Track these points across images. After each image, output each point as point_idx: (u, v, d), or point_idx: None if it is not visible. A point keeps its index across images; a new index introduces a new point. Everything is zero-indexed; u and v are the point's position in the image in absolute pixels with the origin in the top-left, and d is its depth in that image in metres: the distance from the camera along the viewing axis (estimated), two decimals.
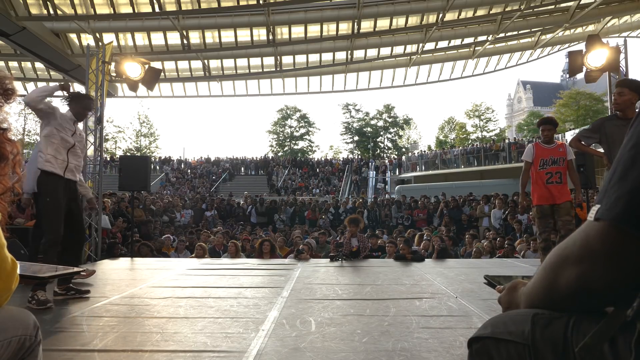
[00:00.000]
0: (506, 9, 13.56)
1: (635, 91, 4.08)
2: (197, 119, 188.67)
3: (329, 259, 6.37)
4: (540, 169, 4.94)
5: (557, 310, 0.76)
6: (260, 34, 14.24)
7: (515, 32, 15.65)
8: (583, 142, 4.56)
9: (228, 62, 16.43)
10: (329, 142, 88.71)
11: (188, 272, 5.42)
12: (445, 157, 27.79)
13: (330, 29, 14.33)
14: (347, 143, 47.37)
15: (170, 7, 11.64)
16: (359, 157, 38.86)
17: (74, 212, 3.91)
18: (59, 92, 3.99)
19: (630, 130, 0.66)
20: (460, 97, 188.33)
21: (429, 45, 15.98)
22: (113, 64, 7.95)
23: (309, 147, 46.70)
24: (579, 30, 16.44)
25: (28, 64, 16.27)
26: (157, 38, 14.11)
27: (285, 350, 2.40)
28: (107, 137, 37.44)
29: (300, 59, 16.51)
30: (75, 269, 2.09)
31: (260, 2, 11.92)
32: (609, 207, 0.63)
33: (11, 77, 1.17)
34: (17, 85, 17.00)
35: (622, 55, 8.00)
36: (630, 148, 0.64)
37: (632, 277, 0.63)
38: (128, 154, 34.24)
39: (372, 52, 16.46)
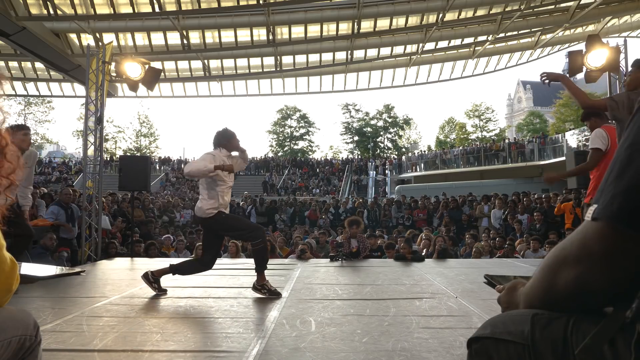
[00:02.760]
0: (506, 9, 13.54)
1: None
2: (197, 119, 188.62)
3: (329, 259, 6.37)
4: None
5: (556, 311, 0.76)
6: (260, 34, 14.22)
7: (515, 32, 15.63)
8: None
9: (228, 62, 16.41)
10: (329, 142, 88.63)
11: None
12: (445, 157, 27.80)
13: (330, 29, 14.31)
14: (347, 143, 47.40)
15: (170, 7, 11.63)
16: (359, 157, 38.87)
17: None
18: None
19: (627, 128, 0.66)
20: (460, 97, 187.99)
21: (429, 45, 15.96)
22: (113, 64, 7.95)
23: (309, 147, 46.71)
24: (579, 30, 16.43)
25: (28, 64, 16.24)
26: (157, 38, 14.10)
27: (285, 350, 2.40)
28: (107, 137, 37.43)
29: (300, 59, 16.50)
30: (76, 269, 2.10)
31: (260, 2, 11.91)
32: (605, 206, 0.63)
33: (9, 77, 1.16)
34: (17, 85, 17.02)
35: (622, 55, 8.00)
36: (627, 147, 0.64)
37: (631, 277, 0.63)
38: (128, 154, 34.26)
39: (372, 52, 16.44)
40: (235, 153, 4.36)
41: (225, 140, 4.23)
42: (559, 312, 0.75)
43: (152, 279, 4.07)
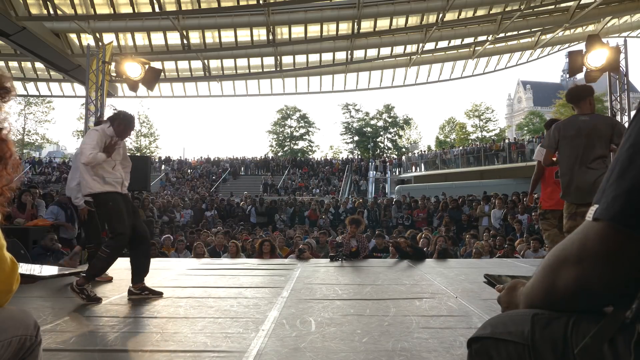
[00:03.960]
0: (506, 9, 13.55)
1: None
2: (197, 119, 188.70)
3: (329, 259, 6.37)
4: None
5: (556, 311, 0.76)
6: (260, 34, 14.23)
7: (515, 32, 15.65)
8: None
9: (228, 62, 16.42)
10: (329, 142, 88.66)
11: (188, 272, 5.42)
12: (445, 157, 27.78)
13: (330, 29, 14.32)
14: (347, 143, 47.36)
15: (170, 7, 11.64)
16: (359, 157, 38.85)
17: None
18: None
19: (628, 130, 0.66)
20: (460, 97, 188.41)
21: (429, 45, 15.98)
22: (113, 64, 7.95)
23: (309, 147, 46.70)
24: (579, 30, 16.44)
25: (28, 64, 16.26)
26: (157, 38, 14.11)
27: (285, 350, 2.40)
28: None
29: (300, 59, 16.51)
30: (76, 269, 2.10)
31: (260, 2, 11.92)
32: (607, 207, 0.63)
33: (9, 77, 1.16)
34: (17, 85, 17.02)
35: (622, 55, 8.01)
36: (628, 147, 0.64)
37: (631, 277, 0.63)
38: (128, 154, 34.15)
39: (372, 52, 16.45)
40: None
41: (117, 122, 4.03)
42: (559, 312, 0.75)
43: (77, 289, 3.67)
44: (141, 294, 3.82)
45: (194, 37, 14.20)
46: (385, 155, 41.95)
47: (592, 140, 3.82)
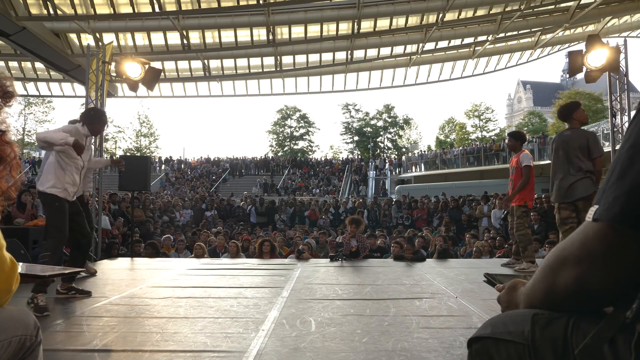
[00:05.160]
0: (506, 9, 13.54)
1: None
2: (197, 119, 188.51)
3: (329, 259, 6.37)
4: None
5: (556, 311, 0.76)
6: (260, 34, 14.22)
7: (515, 32, 15.63)
8: None
9: (228, 62, 16.41)
10: (329, 142, 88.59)
11: (188, 272, 5.42)
12: (445, 157, 27.79)
13: (330, 29, 14.31)
14: (347, 143, 47.41)
15: (170, 7, 11.63)
16: (359, 157, 38.87)
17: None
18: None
19: (628, 130, 0.66)
20: (460, 97, 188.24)
21: (429, 45, 15.96)
22: (113, 64, 7.94)
23: (309, 147, 46.71)
24: (579, 30, 16.42)
25: (28, 64, 16.24)
26: (157, 38, 14.09)
27: (285, 350, 2.40)
28: (107, 137, 37.40)
29: (300, 59, 16.49)
30: (75, 269, 2.10)
31: (260, 2, 11.91)
32: (607, 208, 0.63)
33: (11, 78, 1.16)
34: (17, 85, 17.02)
35: (622, 55, 8.00)
36: (628, 148, 0.64)
37: (631, 277, 0.63)
38: (128, 154, 34.25)
39: (372, 52, 16.44)
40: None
41: (89, 120, 4.09)
42: (559, 312, 0.75)
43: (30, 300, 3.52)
44: (68, 294, 3.90)
45: (194, 37, 14.19)
46: (384, 155, 41.96)
47: (571, 152, 4.61)
